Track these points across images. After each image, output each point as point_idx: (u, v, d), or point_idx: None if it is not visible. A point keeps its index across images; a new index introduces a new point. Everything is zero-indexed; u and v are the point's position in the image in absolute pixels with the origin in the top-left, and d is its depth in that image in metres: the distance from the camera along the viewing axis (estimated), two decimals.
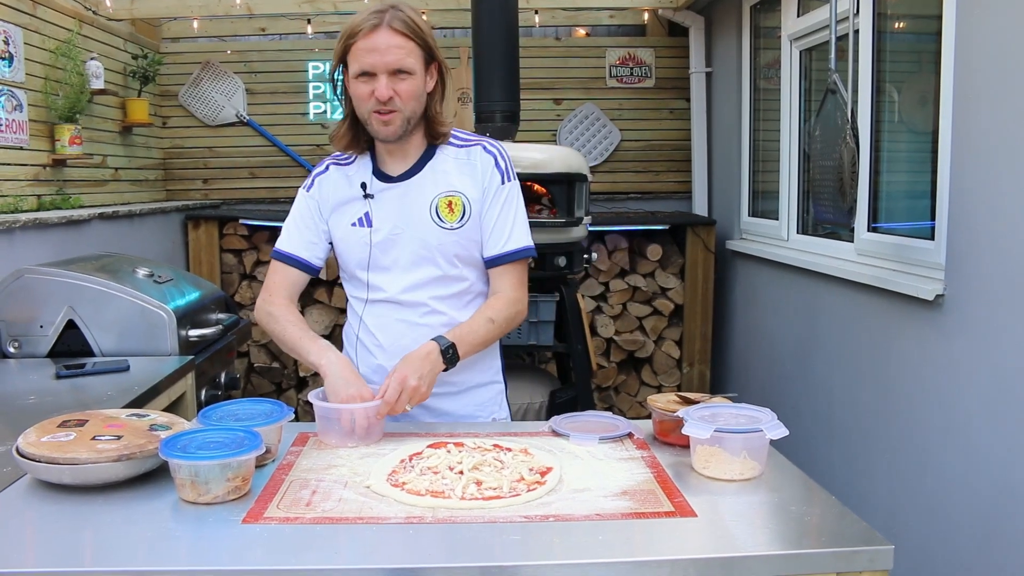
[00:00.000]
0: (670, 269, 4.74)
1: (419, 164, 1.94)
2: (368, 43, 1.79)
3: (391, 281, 1.95)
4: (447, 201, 1.92)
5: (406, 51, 1.81)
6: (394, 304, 1.95)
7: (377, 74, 1.80)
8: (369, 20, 1.80)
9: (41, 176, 3.60)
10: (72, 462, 1.42)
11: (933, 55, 2.71)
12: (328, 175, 2.01)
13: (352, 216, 1.95)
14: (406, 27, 1.81)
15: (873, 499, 3.01)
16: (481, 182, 1.94)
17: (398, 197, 1.93)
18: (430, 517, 1.34)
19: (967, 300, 2.47)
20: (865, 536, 1.30)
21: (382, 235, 1.92)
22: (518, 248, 1.97)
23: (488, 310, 1.94)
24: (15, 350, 2.73)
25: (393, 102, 1.82)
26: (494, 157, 1.96)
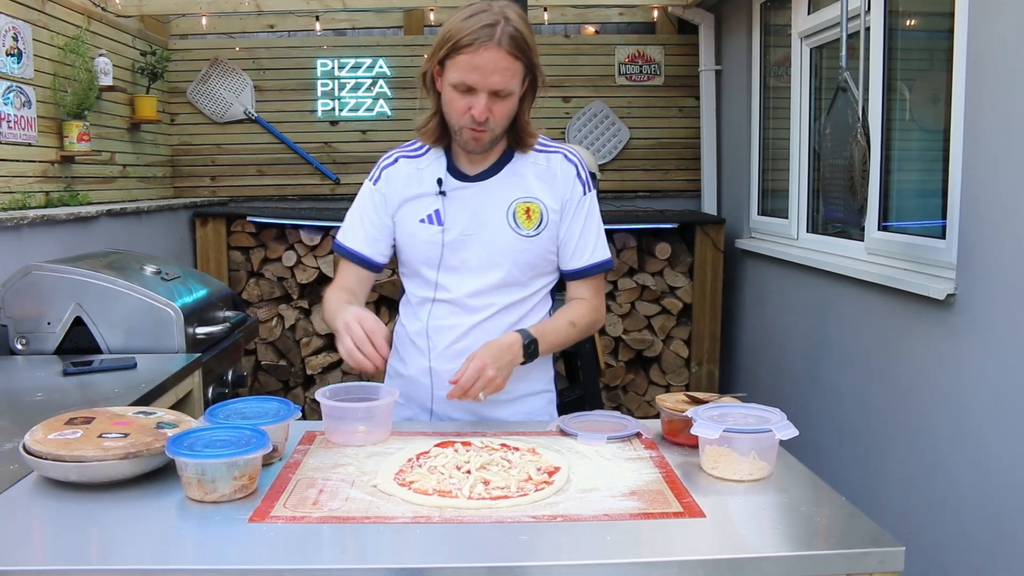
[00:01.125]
0: (679, 268, 4.72)
1: (497, 165, 1.89)
2: (475, 60, 1.71)
3: (459, 282, 1.89)
4: (525, 208, 1.87)
5: (511, 73, 1.74)
6: (458, 307, 1.90)
7: (477, 91, 1.74)
8: (480, 35, 1.70)
9: (49, 172, 3.61)
10: (79, 460, 1.41)
11: (945, 53, 2.70)
12: (397, 167, 1.94)
13: (422, 212, 1.89)
14: (516, 47, 1.73)
15: (883, 500, 3.00)
16: (562, 193, 1.89)
17: (473, 197, 1.88)
18: (437, 516, 1.33)
19: (978, 299, 2.46)
20: (875, 537, 1.29)
21: (454, 234, 1.87)
22: (601, 261, 1.95)
23: (571, 313, 1.91)
24: (22, 347, 2.74)
25: (488, 123, 1.77)
26: (576, 167, 1.91)
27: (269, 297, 4.77)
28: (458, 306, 1.90)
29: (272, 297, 4.77)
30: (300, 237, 4.67)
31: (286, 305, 4.77)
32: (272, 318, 4.76)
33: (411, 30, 5.30)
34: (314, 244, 4.67)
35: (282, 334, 4.76)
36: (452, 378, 1.74)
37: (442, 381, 1.89)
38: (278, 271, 4.75)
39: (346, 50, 5.23)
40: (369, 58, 5.20)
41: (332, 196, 5.28)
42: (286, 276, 4.75)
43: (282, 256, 4.72)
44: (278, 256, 4.73)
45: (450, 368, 1.86)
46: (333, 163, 5.26)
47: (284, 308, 4.77)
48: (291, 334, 4.76)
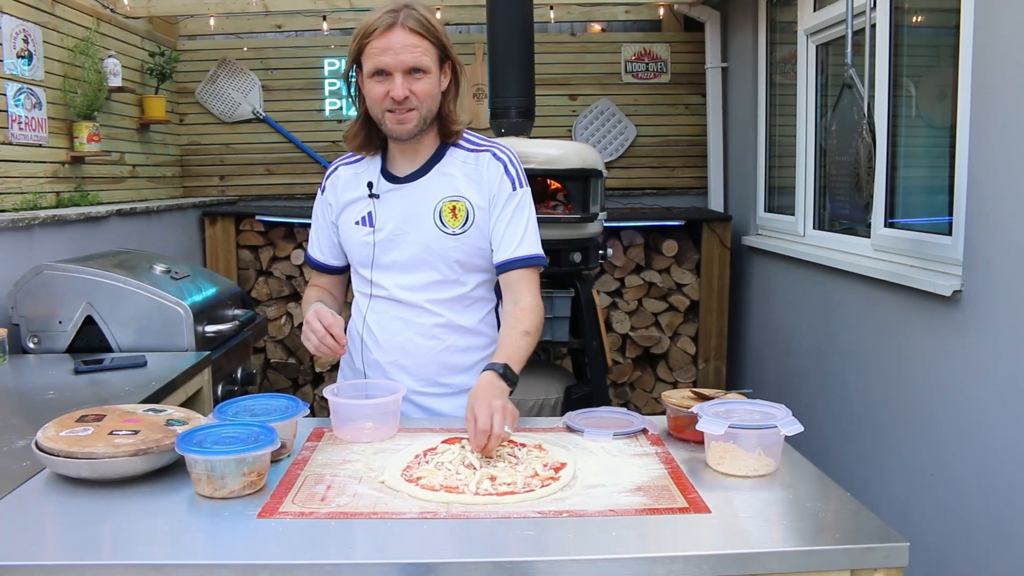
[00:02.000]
0: (686, 265, 4.72)
1: (427, 166, 1.95)
2: (383, 42, 1.79)
3: (391, 280, 1.97)
4: (451, 206, 1.92)
5: (421, 50, 1.81)
6: (393, 302, 1.98)
7: (392, 73, 1.81)
8: (383, 19, 1.80)
9: (60, 173, 3.63)
10: (90, 456, 1.43)
11: (951, 49, 2.69)
12: (337, 175, 2.04)
13: (356, 215, 1.98)
14: (420, 26, 1.81)
15: (888, 496, 3.00)
16: (488, 190, 1.93)
17: (402, 198, 1.94)
18: (444, 512, 1.35)
19: (985, 296, 2.46)
20: (880, 533, 1.29)
21: (383, 235, 1.94)
22: (530, 255, 1.94)
23: (519, 324, 1.88)
24: (34, 346, 2.76)
25: (409, 101, 1.83)
26: (503, 164, 1.95)
27: (278, 295, 4.79)
28: (394, 301, 1.97)
29: (281, 295, 4.80)
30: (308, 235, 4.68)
31: (295, 303, 4.79)
32: (281, 316, 4.79)
33: None
34: None
35: (291, 332, 4.78)
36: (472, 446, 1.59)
37: (384, 373, 1.99)
38: (287, 269, 4.77)
39: None
40: None
41: None
42: (295, 274, 4.77)
43: (291, 254, 4.74)
44: (287, 254, 4.75)
45: (390, 361, 1.98)
46: None
47: (293, 306, 4.79)
48: (300, 332, 4.77)
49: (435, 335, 1.97)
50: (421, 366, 1.98)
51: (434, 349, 1.97)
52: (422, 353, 1.97)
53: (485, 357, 2.01)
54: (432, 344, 1.97)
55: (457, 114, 1.96)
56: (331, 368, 4.78)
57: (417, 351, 1.97)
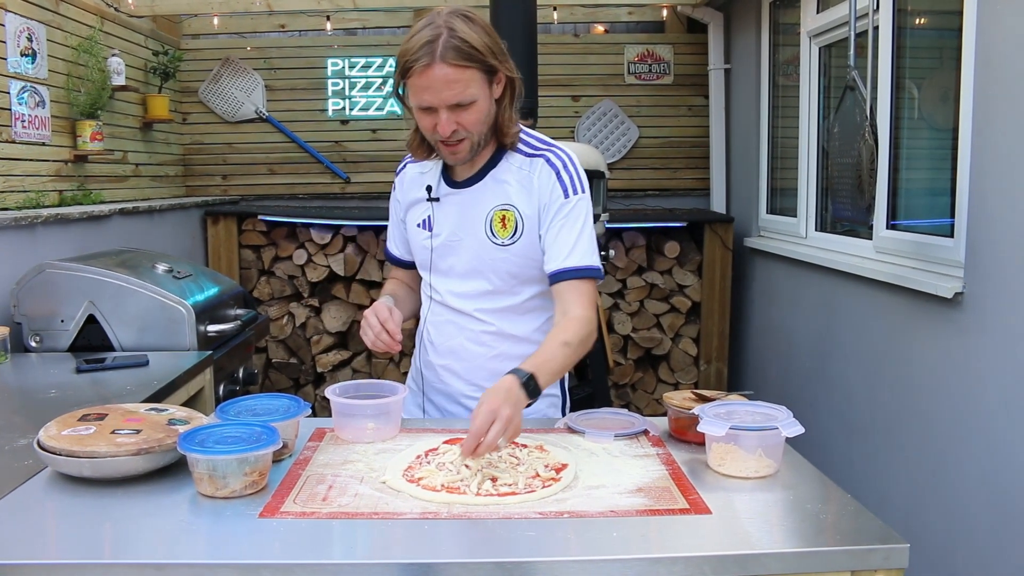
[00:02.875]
0: (688, 266, 4.72)
1: (483, 171, 1.89)
2: (423, 80, 1.69)
3: (445, 285, 1.95)
4: (501, 216, 1.87)
5: (464, 83, 1.70)
6: (446, 307, 1.96)
7: (437, 109, 1.72)
8: (422, 55, 1.67)
9: (63, 172, 3.63)
10: (92, 455, 1.43)
11: (953, 51, 2.69)
12: (406, 174, 2.01)
13: (418, 216, 1.96)
14: (461, 55, 1.68)
15: (891, 497, 3.00)
16: (539, 198, 1.85)
17: (459, 204, 1.90)
18: (445, 513, 1.35)
19: (986, 298, 2.46)
20: (881, 534, 1.29)
21: (440, 240, 1.92)
22: (582, 266, 1.83)
23: (561, 333, 1.77)
24: (36, 344, 2.76)
25: (457, 133, 1.75)
26: (556, 170, 1.85)
27: (280, 295, 4.80)
28: (448, 308, 1.96)
29: (283, 295, 4.80)
30: (311, 236, 4.70)
31: (297, 303, 4.80)
32: (283, 316, 4.79)
33: None
34: (324, 243, 4.69)
35: (293, 332, 4.79)
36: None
37: (437, 375, 1.99)
38: (289, 269, 4.77)
39: (357, 49, 5.25)
40: (379, 57, 5.22)
41: (342, 195, 5.30)
42: (297, 274, 4.77)
43: (293, 254, 4.75)
44: (289, 254, 4.76)
45: (444, 364, 1.98)
46: (343, 162, 5.28)
47: (295, 306, 4.79)
48: (302, 332, 4.79)
49: (485, 342, 1.93)
50: (472, 371, 1.96)
51: (484, 356, 1.94)
52: (472, 359, 1.95)
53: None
54: (483, 351, 1.94)
55: (513, 120, 1.85)
56: (332, 368, 4.79)
57: (468, 356, 1.95)
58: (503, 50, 1.76)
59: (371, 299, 4.72)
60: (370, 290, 4.72)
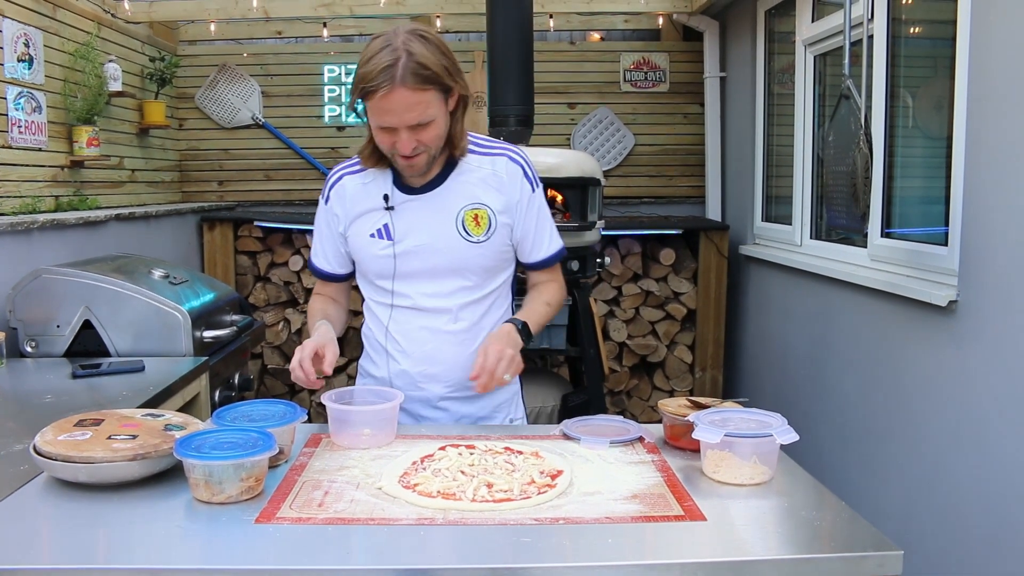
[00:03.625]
0: (683, 274, 4.73)
1: (443, 175, 1.92)
2: (384, 104, 1.72)
3: (415, 289, 1.95)
4: (473, 214, 1.91)
5: (423, 105, 1.74)
6: (417, 311, 1.96)
7: (397, 129, 1.76)
8: (381, 80, 1.69)
9: (59, 177, 3.63)
10: (88, 461, 1.43)
11: (947, 60, 2.71)
12: (343, 185, 1.99)
13: (371, 227, 1.94)
14: (421, 79, 1.71)
15: (885, 505, 3.00)
16: (509, 194, 1.93)
17: (421, 208, 1.91)
18: (441, 519, 1.35)
19: (980, 306, 2.47)
20: (875, 541, 1.30)
21: (404, 246, 1.92)
22: (558, 250, 2.06)
23: (543, 295, 2.05)
24: (32, 350, 2.76)
25: (416, 149, 1.79)
26: (521, 167, 1.95)
27: (276, 301, 4.80)
28: (419, 310, 1.97)
29: (279, 301, 4.80)
30: (307, 242, 4.70)
31: (292, 309, 4.80)
32: (278, 322, 4.79)
33: None
34: None
35: (288, 338, 4.78)
36: (472, 374, 1.82)
37: (414, 382, 1.99)
38: (284, 275, 4.77)
39: (353, 56, 5.25)
40: None
41: None
42: (292, 280, 4.77)
43: (288, 261, 4.75)
44: (285, 260, 4.76)
45: (420, 370, 1.98)
46: None
47: (290, 312, 4.79)
48: (297, 338, 4.78)
49: (462, 341, 1.96)
50: (451, 372, 1.98)
51: (462, 355, 1.96)
52: (451, 360, 1.97)
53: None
54: (459, 350, 1.96)
55: (464, 133, 1.91)
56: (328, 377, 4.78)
57: (446, 358, 1.97)
58: (457, 67, 1.81)
59: None
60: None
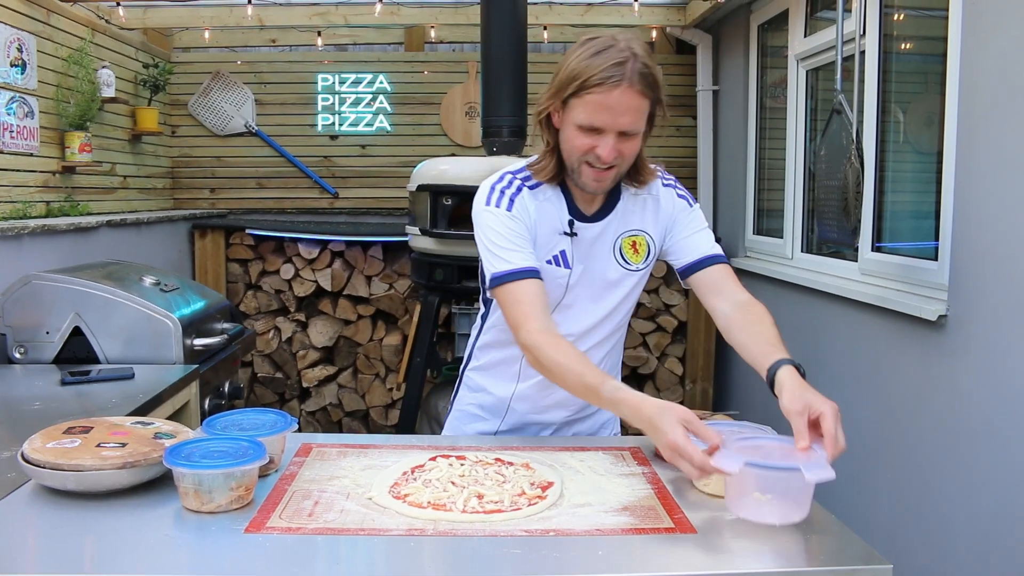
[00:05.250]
0: (674, 286, 4.74)
1: (611, 202, 1.83)
2: (606, 100, 1.62)
3: (571, 319, 1.85)
4: (631, 241, 1.84)
5: (640, 113, 1.66)
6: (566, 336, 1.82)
7: (605, 132, 1.66)
8: (611, 74, 1.61)
9: (50, 183, 3.63)
10: (76, 468, 1.42)
11: (938, 76, 2.73)
12: (523, 198, 1.79)
13: (548, 251, 1.80)
14: (647, 84, 1.64)
15: (874, 519, 3.01)
16: (665, 217, 1.86)
17: (592, 237, 1.82)
18: (431, 529, 1.35)
19: (970, 321, 2.48)
20: (864, 555, 1.30)
21: (575, 276, 1.82)
22: (720, 253, 1.89)
23: (769, 317, 1.83)
24: (21, 356, 2.75)
25: (615, 160, 1.69)
26: (672, 186, 1.89)
27: (266, 310, 4.79)
28: (568, 337, 1.82)
29: (269, 310, 4.79)
30: (298, 250, 4.69)
31: (283, 318, 4.79)
32: (269, 330, 4.78)
33: (412, 46, 5.34)
34: (312, 257, 4.68)
35: (279, 347, 4.77)
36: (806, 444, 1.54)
37: (538, 406, 1.93)
38: (276, 284, 4.77)
39: (347, 65, 5.27)
40: (370, 74, 5.24)
41: (331, 210, 5.30)
42: (284, 289, 4.76)
43: (280, 269, 4.74)
44: (276, 269, 4.75)
45: (546, 394, 1.89)
46: (332, 177, 5.28)
47: (281, 321, 4.78)
48: (288, 347, 4.77)
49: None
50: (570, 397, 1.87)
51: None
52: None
53: (615, 372, 1.99)
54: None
55: (646, 157, 1.82)
56: (318, 384, 4.77)
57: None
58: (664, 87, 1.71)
59: (358, 314, 4.71)
60: (357, 305, 4.72)
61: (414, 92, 5.25)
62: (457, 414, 2.07)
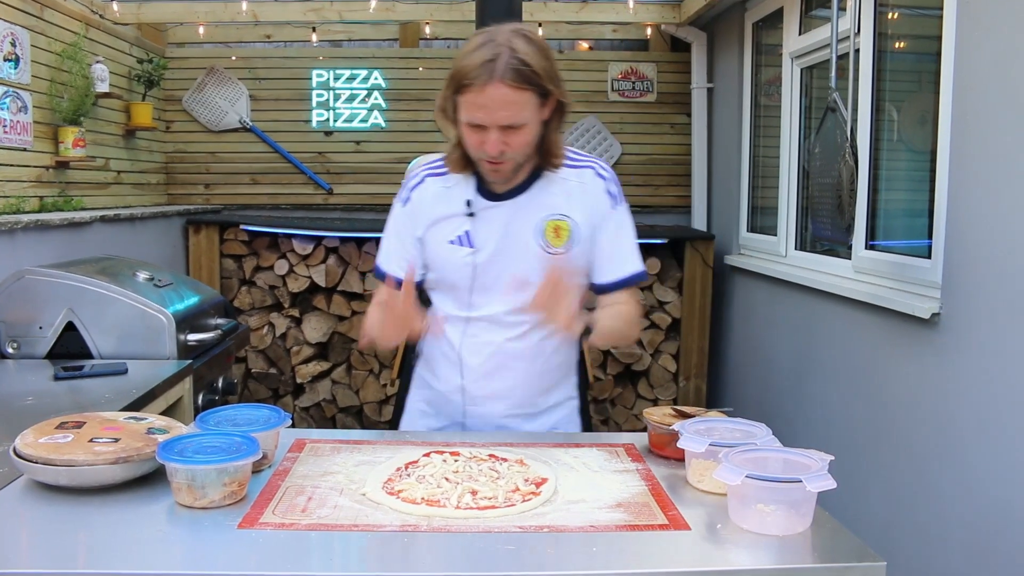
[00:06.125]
0: (668, 283, 4.75)
1: (527, 183, 1.87)
2: (479, 99, 1.69)
3: (493, 301, 1.89)
4: (554, 226, 1.86)
5: (518, 106, 1.70)
6: (492, 323, 1.91)
7: (487, 127, 1.72)
8: (480, 73, 1.66)
9: (44, 178, 3.61)
10: (69, 464, 1.42)
11: (932, 75, 2.73)
12: (425, 187, 1.91)
13: (451, 233, 1.87)
14: (519, 77, 1.67)
15: (867, 516, 3.01)
16: (592, 209, 1.89)
17: (503, 216, 1.86)
18: (425, 525, 1.35)
19: (963, 319, 2.49)
20: (858, 552, 1.30)
21: (484, 255, 1.86)
22: (636, 273, 1.95)
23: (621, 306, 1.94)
24: (14, 351, 2.74)
25: (503, 155, 1.75)
26: (605, 181, 1.91)
27: (261, 305, 4.78)
28: (493, 323, 1.91)
29: (264, 305, 4.78)
30: (292, 246, 4.68)
31: (277, 313, 4.78)
32: (263, 326, 4.77)
33: (407, 43, 5.33)
34: (306, 253, 4.68)
35: (273, 342, 4.77)
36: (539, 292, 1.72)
37: (474, 398, 1.95)
38: (270, 279, 4.76)
39: (342, 61, 5.26)
40: (364, 70, 5.23)
41: (325, 206, 5.29)
42: (278, 284, 4.76)
43: (274, 265, 4.73)
44: (270, 264, 4.74)
45: (482, 386, 1.93)
46: (327, 173, 5.27)
47: (275, 316, 4.77)
48: (282, 342, 4.77)
49: (528, 359, 1.93)
50: (514, 390, 1.94)
51: (529, 371, 1.94)
52: (516, 377, 1.93)
53: (567, 374, 2.04)
54: (525, 367, 1.93)
55: (560, 143, 1.87)
56: (312, 379, 4.77)
57: (511, 375, 1.93)
58: (558, 74, 1.76)
59: (352, 311, 4.71)
60: (351, 301, 4.71)
61: (409, 88, 5.24)
62: (408, 413, 2.12)
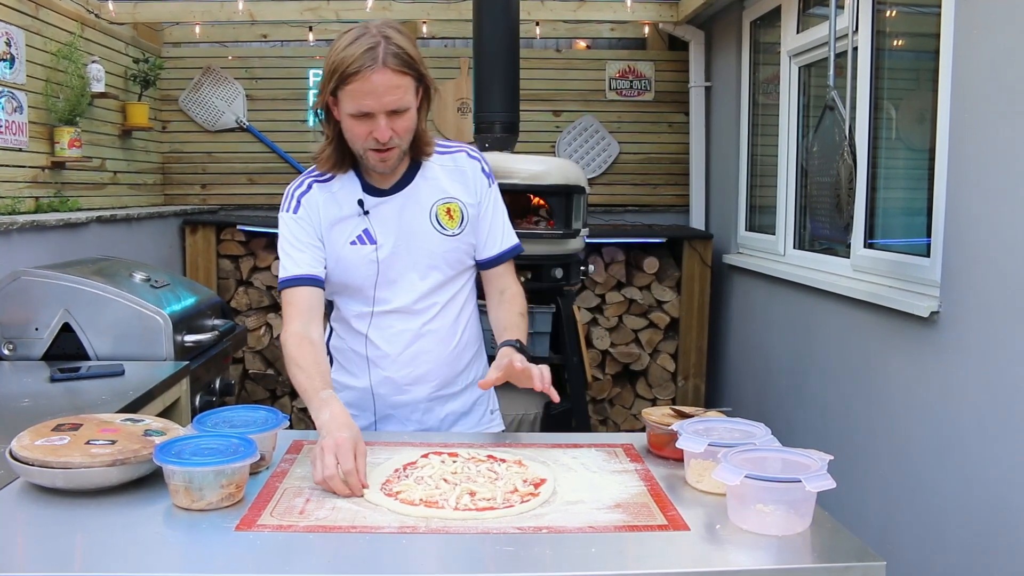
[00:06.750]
0: (666, 282, 4.74)
1: (409, 174, 1.94)
2: (365, 86, 1.73)
3: (399, 292, 1.94)
4: (446, 208, 1.94)
5: (403, 89, 1.77)
6: (402, 314, 1.95)
7: (375, 115, 1.76)
8: (364, 61, 1.72)
9: (40, 178, 3.60)
10: (66, 466, 1.41)
11: (931, 73, 2.73)
12: (312, 195, 1.93)
13: (350, 234, 1.91)
14: (401, 62, 1.74)
15: (867, 515, 3.01)
16: (474, 188, 1.97)
17: (396, 209, 1.92)
18: (423, 527, 1.34)
19: (962, 317, 2.48)
20: (857, 552, 1.30)
21: (387, 250, 1.91)
22: (514, 245, 2.05)
23: (514, 307, 2.02)
24: (9, 352, 2.73)
25: (391, 140, 1.79)
26: (479, 161, 2.00)
27: (258, 306, 4.77)
28: (403, 313, 1.95)
29: (261, 306, 4.77)
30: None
31: (274, 314, 4.77)
32: (260, 327, 4.76)
33: None
34: None
35: (270, 343, 4.76)
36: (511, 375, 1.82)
37: (399, 387, 1.98)
38: (267, 280, 4.75)
39: None
40: None
41: None
42: (275, 285, 4.74)
43: (271, 265, 4.72)
44: (267, 265, 4.73)
45: (405, 374, 1.97)
46: None
47: (272, 317, 4.77)
48: (279, 343, 4.75)
49: (443, 338, 1.97)
50: (437, 370, 1.98)
51: (446, 352, 1.98)
52: (436, 358, 1.98)
53: (478, 350, 2.09)
54: (443, 348, 1.98)
55: (428, 132, 1.95)
56: None
57: (431, 357, 1.97)
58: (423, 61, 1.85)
59: None
60: None
61: None
62: None
